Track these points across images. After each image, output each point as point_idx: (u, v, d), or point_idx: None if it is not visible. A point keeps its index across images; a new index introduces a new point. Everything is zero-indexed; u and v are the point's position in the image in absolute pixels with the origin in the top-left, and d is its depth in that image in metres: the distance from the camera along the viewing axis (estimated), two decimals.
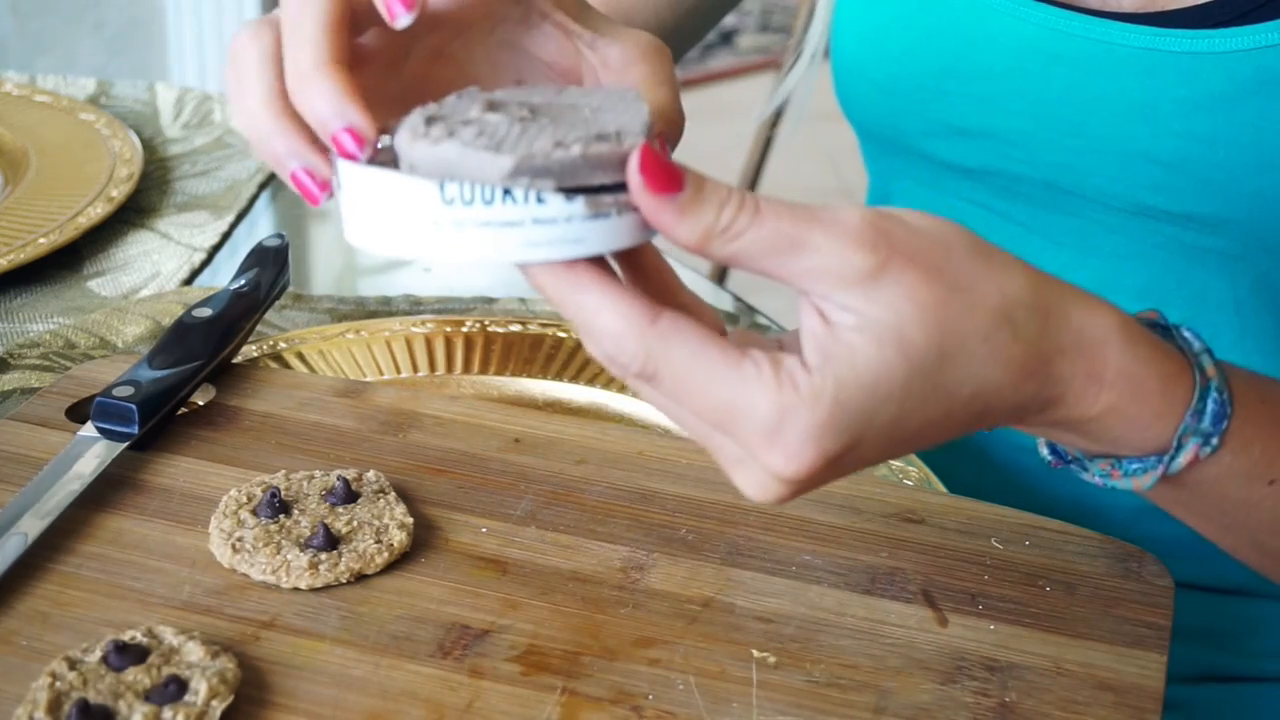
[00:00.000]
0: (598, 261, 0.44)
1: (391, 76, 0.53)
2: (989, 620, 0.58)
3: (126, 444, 0.64)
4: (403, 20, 0.48)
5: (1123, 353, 0.47)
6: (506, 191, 0.42)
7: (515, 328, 0.78)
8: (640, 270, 0.48)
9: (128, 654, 0.52)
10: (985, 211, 0.80)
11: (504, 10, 0.52)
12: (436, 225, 0.43)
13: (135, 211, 0.96)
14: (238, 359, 0.74)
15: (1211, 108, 0.69)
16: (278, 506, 0.60)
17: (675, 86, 0.52)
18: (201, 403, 0.70)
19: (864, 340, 0.43)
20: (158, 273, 0.89)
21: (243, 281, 0.74)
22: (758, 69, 3.72)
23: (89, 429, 0.65)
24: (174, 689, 0.51)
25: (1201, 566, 0.74)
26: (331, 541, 0.58)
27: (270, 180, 1.04)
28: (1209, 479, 0.51)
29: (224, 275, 0.91)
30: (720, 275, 1.84)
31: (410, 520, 0.60)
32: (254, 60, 0.49)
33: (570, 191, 0.43)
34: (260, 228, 0.99)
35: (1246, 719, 0.80)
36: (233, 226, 0.97)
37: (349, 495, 0.61)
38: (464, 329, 0.78)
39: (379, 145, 0.47)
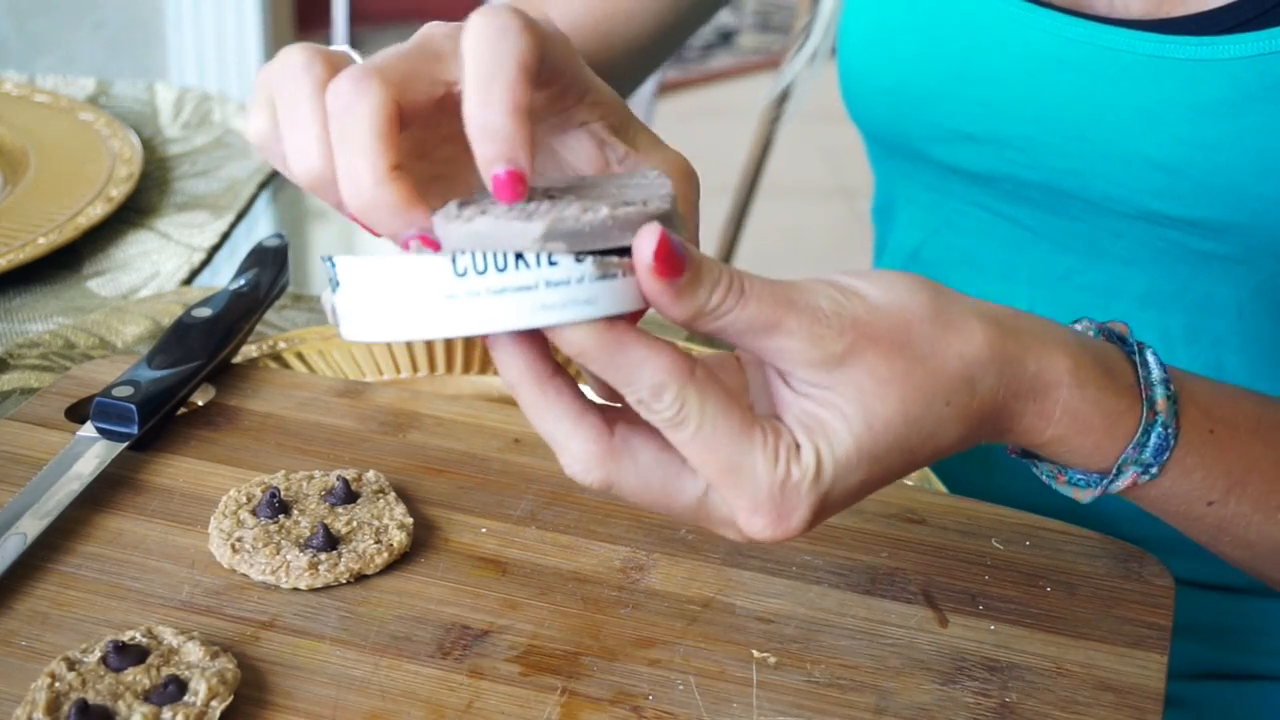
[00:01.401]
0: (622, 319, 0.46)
1: (422, 158, 0.53)
2: (989, 620, 0.58)
3: (126, 444, 0.64)
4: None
5: (1071, 394, 0.51)
6: (519, 256, 0.43)
7: None
8: None
9: (127, 654, 0.52)
10: (990, 215, 0.80)
11: (543, 114, 0.52)
12: (452, 299, 0.44)
13: (135, 211, 0.96)
14: (237, 359, 0.74)
15: (1215, 113, 0.69)
16: (277, 507, 0.60)
17: (695, 217, 0.54)
18: (201, 403, 0.70)
19: (835, 418, 0.47)
20: (157, 273, 0.89)
21: (242, 281, 0.74)
22: (758, 69, 3.72)
23: (88, 429, 0.65)
24: (173, 689, 0.50)
25: (1205, 565, 0.74)
26: (331, 542, 0.58)
27: (270, 180, 1.04)
28: (1148, 497, 0.55)
29: (224, 275, 0.91)
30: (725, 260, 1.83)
31: (410, 520, 0.60)
32: (307, 96, 0.48)
33: (579, 254, 0.44)
34: (260, 228, 0.99)
35: (1249, 716, 0.80)
36: (232, 226, 0.97)
37: (349, 495, 0.61)
38: None
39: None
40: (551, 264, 0.43)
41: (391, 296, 0.44)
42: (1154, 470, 0.53)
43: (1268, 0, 0.67)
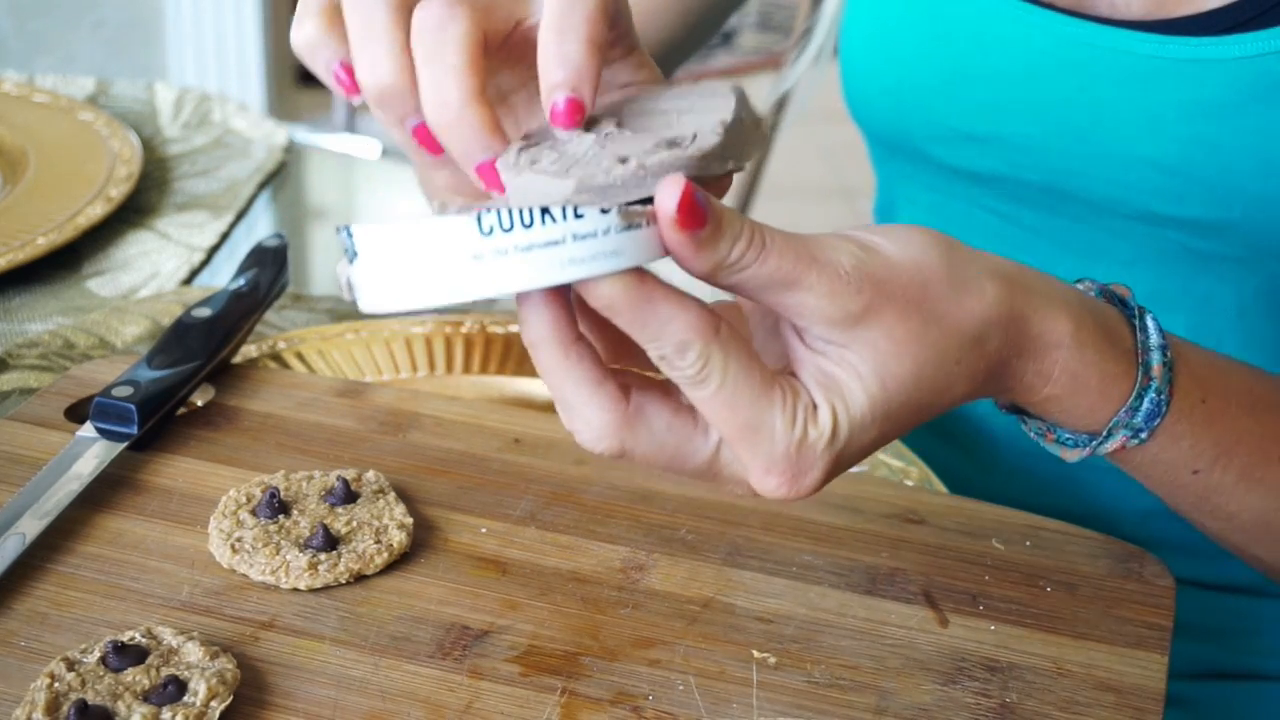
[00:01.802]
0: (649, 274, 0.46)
1: None
2: (989, 621, 0.58)
3: (126, 444, 0.64)
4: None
5: (1070, 354, 0.51)
6: (545, 211, 0.43)
7: (515, 328, 0.78)
8: None
9: (127, 655, 0.52)
10: (991, 216, 0.80)
11: None
12: (479, 259, 0.43)
13: (134, 211, 0.96)
14: (237, 359, 0.74)
15: (1215, 114, 0.69)
16: (277, 507, 0.60)
17: None
18: (201, 403, 0.70)
19: (851, 378, 0.47)
20: (157, 273, 0.89)
21: (242, 281, 0.74)
22: (758, 68, 3.72)
23: (88, 429, 0.65)
24: (173, 690, 0.50)
25: (1206, 565, 0.74)
26: (331, 542, 0.58)
27: (269, 180, 1.04)
28: (1134, 461, 0.56)
29: (223, 275, 0.91)
30: None
31: (410, 520, 0.60)
32: (385, 12, 0.49)
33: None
34: (259, 228, 0.99)
35: (1249, 717, 0.80)
36: (232, 226, 0.97)
37: (348, 495, 0.61)
38: (463, 329, 0.78)
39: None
40: (578, 217, 0.43)
41: (417, 261, 0.44)
42: (1144, 435, 0.54)
43: (1267, 0, 0.67)
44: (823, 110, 0.92)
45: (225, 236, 0.95)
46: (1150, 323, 0.54)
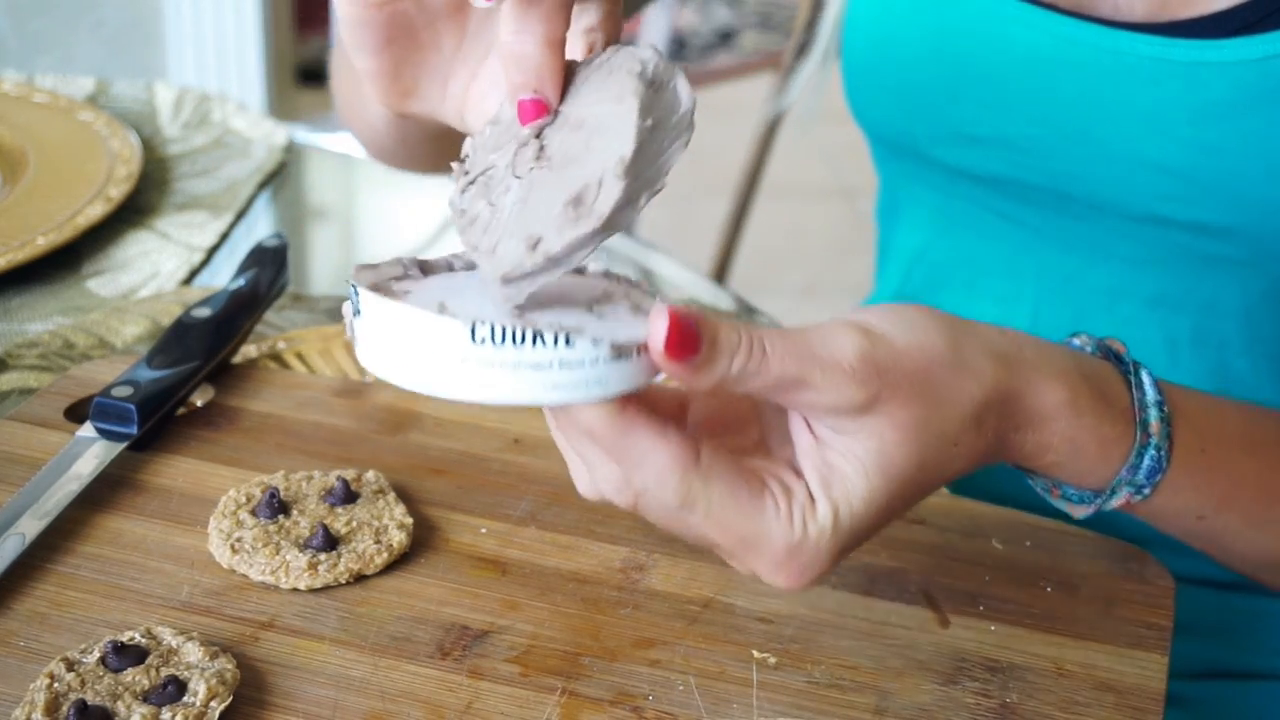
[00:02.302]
0: (638, 398, 0.46)
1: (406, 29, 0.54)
2: (990, 621, 0.58)
3: (125, 444, 0.64)
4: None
5: (1068, 423, 0.52)
6: (537, 334, 0.43)
7: None
8: None
9: (126, 655, 0.52)
10: (995, 217, 0.80)
11: None
12: (464, 363, 0.44)
13: (134, 211, 0.96)
14: (237, 359, 0.74)
15: (1219, 116, 0.69)
16: (277, 507, 0.60)
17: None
18: (200, 403, 0.69)
19: (854, 470, 0.48)
20: (156, 272, 0.89)
21: (242, 281, 0.74)
22: (758, 68, 3.71)
23: (88, 429, 0.65)
24: (173, 690, 0.50)
25: (1206, 563, 0.74)
26: (331, 542, 0.58)
27: (269, 180, 1.04)
28: (1141, 512, 0.57)
29: (223, 275, 0.91)
30: (719, 274, 1.84)
31: (410, 520, 0.60)
32: None
33: (597, 339, 0.44)
34: (259, 228, 0.99)
35: (1251, 715, 0.80)
36: (231, 226, 0.97)
37: (348, 496, 0.61)
38: None
39: (392, 288, 0.47)
40: (568, 345, 0.43)
41: (408, 347, 0.44)
42: (1146, 491, 0.55)
43: (1272, 3, 0.67)
44: (823, 111, 0.92)
45: (225, 236, 0.95)
46: (1145, 378, 0.55)
